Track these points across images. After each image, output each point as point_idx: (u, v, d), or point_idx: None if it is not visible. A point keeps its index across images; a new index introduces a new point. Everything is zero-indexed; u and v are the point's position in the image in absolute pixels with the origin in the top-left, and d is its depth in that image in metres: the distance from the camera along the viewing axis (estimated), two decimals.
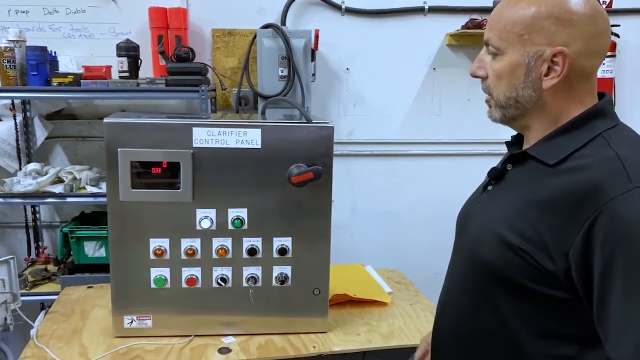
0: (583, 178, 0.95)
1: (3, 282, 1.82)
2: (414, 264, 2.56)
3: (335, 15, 2.91)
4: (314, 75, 2.75)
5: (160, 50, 2.59)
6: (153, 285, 1.62)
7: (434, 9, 2.95)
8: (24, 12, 2.69)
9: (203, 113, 2.46)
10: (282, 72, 2.64)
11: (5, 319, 1.82)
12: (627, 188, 0.90)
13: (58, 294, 2.02)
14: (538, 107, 1.05)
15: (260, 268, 1.65)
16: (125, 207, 1.57)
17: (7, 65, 2.41)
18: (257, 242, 1.63)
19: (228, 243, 1.62)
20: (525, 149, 1.08)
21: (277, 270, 1.66)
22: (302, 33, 2.65)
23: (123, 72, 2.54)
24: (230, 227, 1.61)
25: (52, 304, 1.92)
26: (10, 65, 2.41)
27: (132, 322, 1.64)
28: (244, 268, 1.65)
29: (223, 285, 1.64)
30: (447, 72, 3.02)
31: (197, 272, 1.63)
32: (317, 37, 2.71)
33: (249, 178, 1.60)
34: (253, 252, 1.63)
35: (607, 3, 3.03)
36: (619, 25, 2.95)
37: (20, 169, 2.65)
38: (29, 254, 2.86)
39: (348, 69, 2.97)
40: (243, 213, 1.61)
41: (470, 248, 1.12)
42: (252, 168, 1.59)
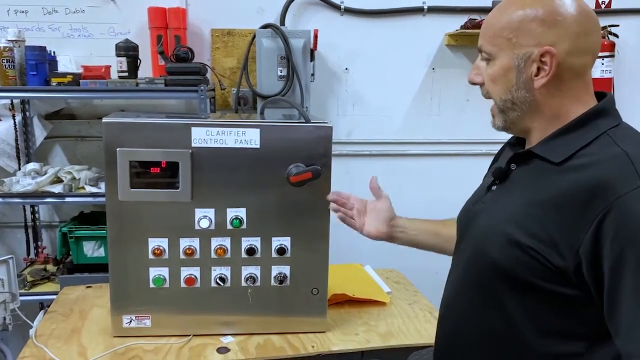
0: (591, 175, 0.96)
1: (2, 281, 1.82)
2: (413, 264, 2.55)
3: (335, 15, 2.91)
4: (313, 75, 2.76)
5: (160, 50, 2.59)
6: (152, 285, 1.62)
7: (433, 9, 2.95)
8: (23, 12, 2.69)
9: (202, 113, 2.47)
10: (281, 72, 2.64)
11: (4, 319, 1.82)
12: (636, 185, 0.92)
13: (57, 294, 2.02)
14: (534, 107, 1.07)
15: (259, 268, 1.65)
16: (124, 206, 1.57)
17: (6, 65, 2.41)
18: (255, 241, 1.63)
19: (227, 243, 1.62)
20: (530, 148, 1.09)
21: (275, 270, 1.66)
22: (301, 33, 2.66)
23: (122, 72, 2.54)
24: (229, 226, 1.61)
25: (51, 304, 1.92)
26: (10, 65, 2.41)
27: (130, 321, 1.64)
28: (243, 268, 1.65)
29: (222, 285, 1.64)
30: (446, 72, 3.03)
31: (195, 271, 1.63)
32: (316, 37, 2.71)
33: (248, 178, 1.60)
34: (252, 251, 1.63)
35: (606, 3, 3.03)
36: (618, 25, 2.95)
37: (20, 169, 2.65)
38: (28, 254, 2.86)
39: (347, 69, 2.97)
40: (242, 213, 1.61)
41: (476, 248, 1.13)
42: (250, 168, 1.59)
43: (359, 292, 1.94)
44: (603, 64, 2.91)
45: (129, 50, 2.54)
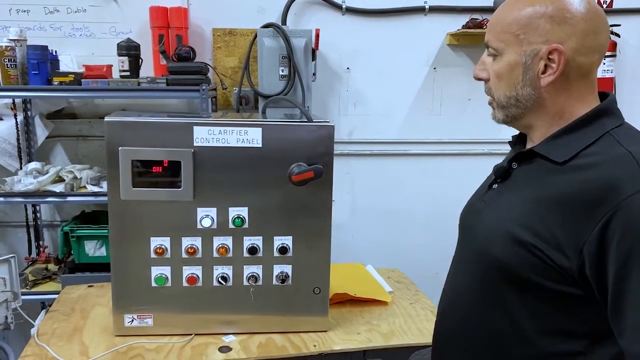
0: (596, 175, 0.96)
1: (4, 280, 1.82)
2: (414, 264, 2.56)
3: (336, 15, 2.91)
4: (315, 75, 2.76)
5: (161, 50, 2.59)
6: (154, 284, 1.62)
7: (435, 9, 2.95)
8: (25, 11, 2.70)
9: (204, 112, 2.47)
10: (282, 71, 2.64)
11: (6, 318, 1.82)
12: None
13: (58, 293, 2.02)
14: (538, 105, 1.07)
15: (261, 267, 1.65)
16: (126, 205, 1.57)
17: (8, 65, 2.41)
18: (257, 241, 1.63)
19: (229, 242, 1.63)
20: (532, 147, 1.09)
21: (277, 269, 1.66)
22: (302, 32, 2.66)
23: (124, 71, 2.54)
24: (231, 225, 1.61)
25: (52, 303, 1.92)
26: (11, 65, 2.42)
27: (132, 320, 1.64)
28: (245, 267, 1.65)
29: (224, 284, 1.64)
30: (447, 71, 3.03)
31: (197, 270, 1.63)
32: (317, 36, 2.71)
33: (250, 177, 1.60)
34: (254, 251, 1.63)
35: (607, 3, 3.03)
36: (619, 25, 2.95)
37: (21, 168, 2.65)
38: (30, 253, 2.86)
39: (348, 69, 2.98)
40: (244, 212, 1.61)
41: (479, 247, 1.13)
42: (252, 167, 1.59)
43: (361, 291, 1.94)
44: (604, 64, 2.91)
45: (131, 50, 2.54)
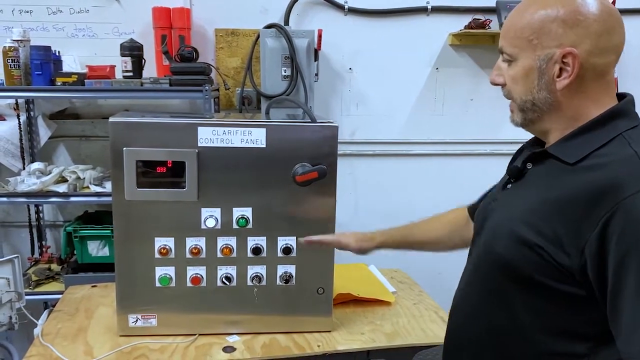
0: (601, 175, 0.96)
1: (8, 281, 1.82)
2: (417, 264, 2.55)
3: (338, 15, 2.91)
4: (317, 75, 2.76)
5: (164, 50, 2.59)
6: (158, 284, 1.62)
7: (437, 9, 2.95)
8: (28, 11, 2.70)
9: (206, 113, 2.47)
10: (285, 71, 2.64)
11: (10, 318, 1.82)
12: None
13: (61, 293, 2.02)
14: (554, 108, 1.06)
15: (265, 267, 1.66)
16: (131, 206, 1.58)
17: (11, 65, 2.41)
18: (261, 241, 1.64)
19: (233, 242, 1.63)
20: (546, 148, 1.09)
21: (281, 270, 1.66)
22: (305, 33, 2.66)
23: (127, 71, 2.54)
24: (235, 226, 1.61)
25: (55, 303, 1.93)
26: (15, 65, 2.42)
27: (136, 321, 1.65)
28: (249, 267, 1.65)
29: (227, 284, 1.64)
30: (450, 72, 3.03)
31: (201, 271, 1.63)
32: (320, 37, 2.71)
33: (254, 177, 1.60)
34: (257, 251, 1.63)
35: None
36: None
37: (24, 169, 2.66)
38: (33, 253, 2.86)
39: (351, 69, 2.98)
40: (248, 212, 1.61)
41: (486, 245, 1.14)
42: (256, 167, 1.59)
43: (364, 291, 1.94)
44: None
45: (134, 50, 2.54)
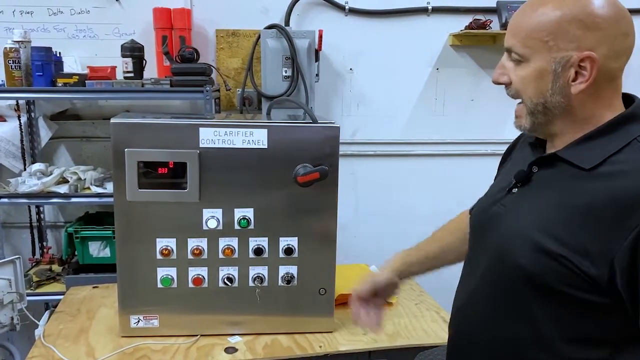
0: (626, 185, 0.94)
1: (9, 282, 1.82)
2: None
3: (339, 16, 2.91)
4: (318, 76, 2.76)
5: (165, 51, 2.59)
6: (160, 285, 1.63)
7: (438, 10, 2.95)
8: (29, 12, 2.70)
9: (207, 113, 2.47)
10: (285, 72, 2.64)
11: (12, 319, 1.82)
12: None
13: (62, 294, 2.02)
14: (566, 112, 1.02)
15: (267, 268, 1.66)
16: (132, 207, 1.58)
17: (12, 66, 2.41)
18: (263, 242, 1.64)
19: (234, 243, 1.63)
20: (557, 152, 1.05)
21: (283, 270, 1.66)
22: (305, 33, 2.66)
23: (128, 72, 2.54)
24: (237, 227, 1.62)
25: (56, 304, 1.93)
26: (16, 66, 2.42)
27: (138, 321, 1.65)
28: (250, 268, 1.65)
29: (229, 285, 1.64)
30: (450, 72, 3.03)
31: (203, 271, 1.64)
32: (320, 37, 2.71)
33: (255, 178, 1.60)
34: (259, 251, 1.63)
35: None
36: None
37: (25, 169, 2.66)
38: (34, 254, 2.86)
39: (351, 69, 2.98)
40: (249, 213, 1.62)
41: (499, 253, 1.09)
42: (258, 168, 1.59)
43: None
44: None
45: (135, 51, 2.54)
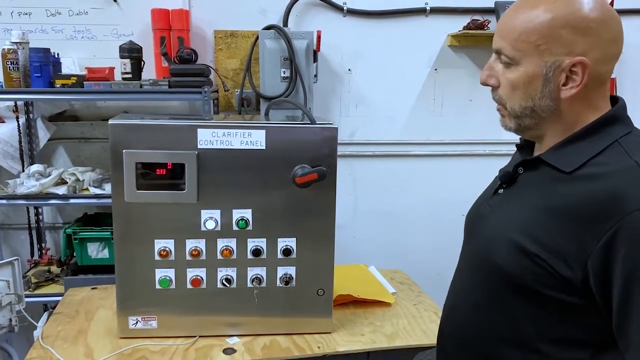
0: (603, 187, 0.94)
1: (8, 283, 1.82)
2: (417, 265, 2.57)
3: (337, 17, 2.91)
4: (316, 77, 2.76)
5: (163, 52, 2.59)
6: (158, 286, 1.63)
7: (436, 10, 2.95)
8: (27, 14, 2.70)
9: (206, 114, 2.47)
10: (284, 73, 2.64)
11: (11, 320, 1.82)
12: None
13: (61, 296, 2.02)
14: (554, 115, 1.03)
15: (265, 269, 1.66)
16: (130, 208, 1.58)
17: (10, 67, 2.41)
18: (261, 242, 1.64)
19: (233, 244, 1.63)
20: (540, 155, 1.06)
21: (281, 271, 1.66)
22: (304, 34, 2.66)
23: (126, 73, 2.54)
24: (235, 228, 1.62)
25: (55, 305, 1.93)
26: (14, 67, 2.41)
27: (137, 323, 1.65)
28: (249, 269, 1.65)
29: (228, 286, 1.64)
30: (448, 72, 3.03)
31: (202, 272, 1.64)
32: (319, 38, 2.71)
33: (254, 179, 1.60)
34: (257, 252, 1.63)
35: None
36: None
37: (23, 171, 2.65)
38: (32, 256, 2.86)
39: (350, 70, 2.98)
40: (247, 214, 1.62)
41: (482, 252, 1.11)
42: (256, 169, 1.59)
43: (364, 292, 1.94)
44: None
45: (133, 52, 2.53)
